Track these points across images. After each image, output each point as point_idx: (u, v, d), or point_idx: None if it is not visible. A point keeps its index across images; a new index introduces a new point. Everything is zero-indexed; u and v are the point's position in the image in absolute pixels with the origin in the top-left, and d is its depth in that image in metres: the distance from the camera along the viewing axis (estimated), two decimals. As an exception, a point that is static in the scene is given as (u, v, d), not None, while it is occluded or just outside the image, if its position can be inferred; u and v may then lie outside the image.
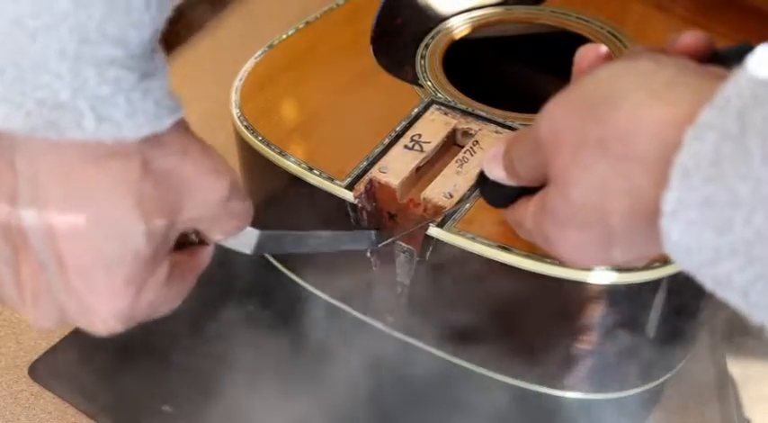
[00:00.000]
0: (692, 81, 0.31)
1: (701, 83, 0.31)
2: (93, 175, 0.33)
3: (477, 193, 0.50)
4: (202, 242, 0.39)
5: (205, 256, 0.40)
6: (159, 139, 0.34)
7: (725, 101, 0.28)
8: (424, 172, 0.53)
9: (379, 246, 0.50)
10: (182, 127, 0.35)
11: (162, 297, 0.37)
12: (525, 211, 0.38)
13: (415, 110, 0.56)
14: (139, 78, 0.33)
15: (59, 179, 0.33)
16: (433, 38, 0.63)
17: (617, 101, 0.31)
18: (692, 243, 0.29)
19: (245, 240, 0.41)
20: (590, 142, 0.32)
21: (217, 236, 0.39)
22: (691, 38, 0.36)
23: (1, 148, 0.33)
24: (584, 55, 0.39)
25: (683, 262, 0.30)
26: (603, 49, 0.38)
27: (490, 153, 0.40)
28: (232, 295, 0.60)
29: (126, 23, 0.32)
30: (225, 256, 0.63)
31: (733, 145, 0.27)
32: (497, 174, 0.40)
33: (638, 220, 0.32)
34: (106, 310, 0.35)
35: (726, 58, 0.35)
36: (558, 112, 0.34)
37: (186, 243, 0.38)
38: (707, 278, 0.29)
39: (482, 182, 0.41)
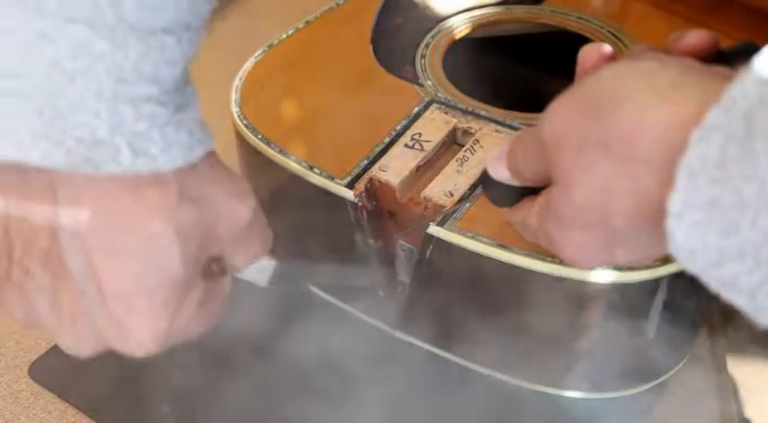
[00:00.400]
0: (696, 81, 0.31)
1: (706, 83, 0.30)
2: (130, 203, 0.34)
3: (477, 191, 0.50)
4: (222, 273, 0.40)
5: (227, 283, 0.41)
6: (192, 166, 0.35)
7: (731, 102, 0.28)
8: (425, 171, 0.53)
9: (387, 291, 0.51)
10: (213, 155, 0.37)
11: (197, 319, 0.38)
12: (529, 212, 0.38)
13: (416, 109, 0.56)
14: (173, 112, 0.34)
15: (98, 209, 0.34)
16: (433, 37, 0.63)
17: (620, 102, 0.31)
18: (697, 244, 0.29)
19: (261, 272, 0.42)
20: (593, 143, 0.32)
21: (240, 260, 0.40)
22: (695, 37, 0.35)
23: (42, 181, 0.34)
24: (587, 54, 0.38)
25: (687, 263, 0.30)
26: (607, 48, 0.38)
27: (494, 153, 0.40)
28: (233, 295, 0.60)
29: (160, 61, 0.33)
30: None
31: (739, 146, 0.27)
32: (501, 174, 0.39)
33: (642, 221, 0.32)
34: (144, 333, 0.36)
35: (730, 58, 0.34)
36: (562, 112, 0.34)
37: (210, 273, 0.39)
38: (712, 279, 0.29)
39: (486, 181, 0.41)
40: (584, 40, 0.62)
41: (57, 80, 0.31)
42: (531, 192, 0.39)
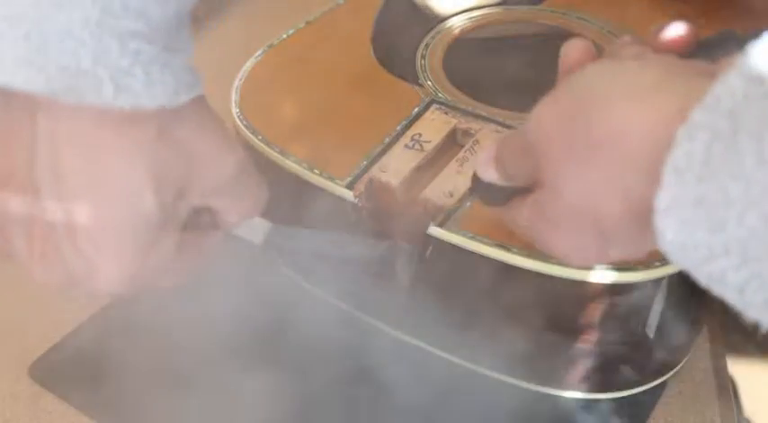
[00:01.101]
0: (679, 80, 0.31)
1: (689, 82, 0.31)
2: (108, 137, 0.34)
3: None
4: (215, 228, 0.40)
5: (214, 239, 0.41)
6: (177, 110, 0.35)
7: (716, 100, 0.28)
8: (425, 171, 0.53)
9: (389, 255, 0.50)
10: (201, 102, 0.37)
11: (166, 269, 0.38)
12: (520, 211, 0.38)
13: (416, 109, 0.56)
14: (160, 51, 0.34)
15: (76, 140, 0.34)
16: (433, 37, 0.63)
17: (604, 104, 0.31)
18: (686, 241, 0.29)
19: (256, 231, 0.42)
20: (579, 145, 0.32)
21: (229, 217, 0.40)
22: (673, 31, 0.36)
23: (24, 108, 0.34)
24: (568, 51, 0.39)
25: (678, 259, 0.30)
26: (588, 44, 0.38)
27: (483, 155, 0.40)
28: (233, 295, 0.60)
29: None
30: (228, 257, 0.63)
31: (725, 145, 0.27)
32: (490, 176, 0.40)
33: (633, 220, 0.32)
34: (111, 273, 0.36)
35: (711, 48, 0.35)
36: (547, 114, 0.34)
37: (200, 226, 0.39)
38: (702, 275, 0.29)
39: (476, 183, 0.41)
40: (584, 41, 0.62)
41: (44, 6, 0.31)
42: (522, 191, 0.39)
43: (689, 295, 0.50)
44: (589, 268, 0.45)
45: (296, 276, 0.60)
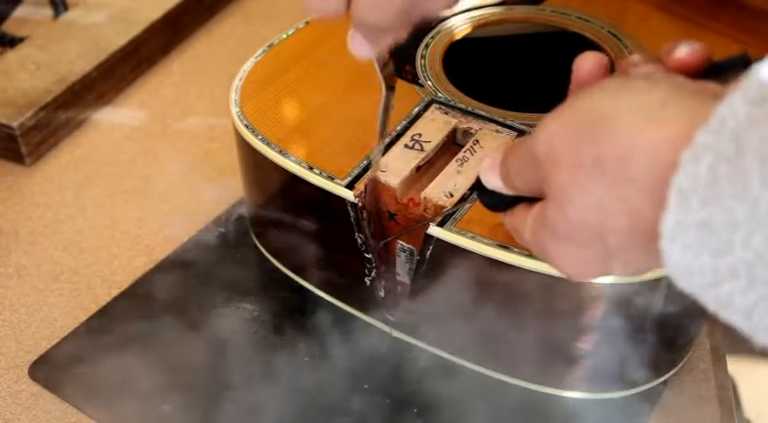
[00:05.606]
0: (686, 101, 0.31)
1: (696, 103, 0.30)
2: None
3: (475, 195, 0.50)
4: None
5: None
6: None
7: (720, 122, 0.28)
8: (425, 171, 0.53)
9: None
10: None
11: None
12: (524, 222, 0.38)
13: (416, 109, 0.56)
14: None
15: None
16: (433, 37, 0.63)
17: (612, 122, 0.31)
18: (692, 265, 0.29)
19: None
20: (587, 163, 0.32)
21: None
22: (686, 51, 0.35)
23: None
24: (581, 64, 0.38)
25: (683, 283, 0.30)
26: (602, 58, 0.38)
27: (487, 162, 0.39)
28: (233, 294, 0.61)
29: None
30: (227, 256, 0.63)
31: (729, 166, 0.27)
32: (494, 183, 0.39)
33: (637, 239, 0.32)
34: None
35: (723, 71, 0.34)
36: (555, 129, 0.34)
37: None
38: (709, 299, 0.29)
39: (479, 187, 0.41)
40: (585, 41, 0.62)
41: None
42: (525, 199, 0.39)
43: (688, 295, 0.50)
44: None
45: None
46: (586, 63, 0.38)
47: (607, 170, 0.31)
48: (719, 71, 0.34)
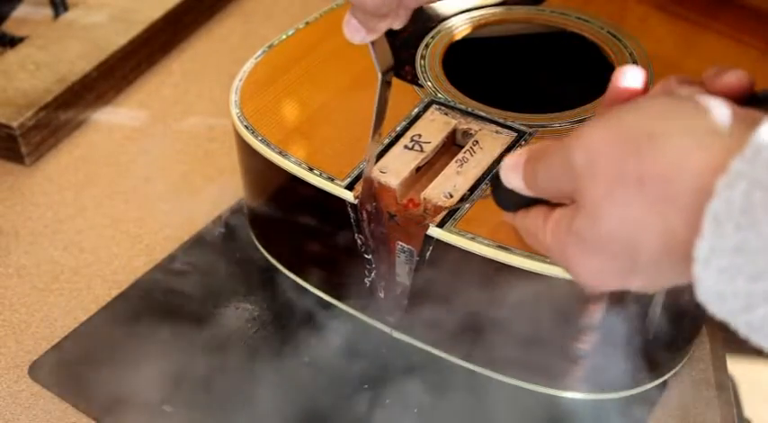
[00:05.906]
0: (732, 128, 0.31)
1: (739, 131, 0.30)
2: None
3: (477, 193, 0.50)
4: None
5: None
6: None
7: (755, 150, 0.28)
8: (424, 172, 0.53)
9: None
10: None
11: None
12: (543, 225, 0.38)
13: (415, 110, 0.56)
14: None
15: None
16: (433, 38, 0.63)
17: (661, 142, 0.31)
18: (725, 290, 0.29)
19: None
20: (629, 178, 0.32)
21: None
22: (734, 77, 0.35)
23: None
24: (621, 77, 0.38)
25: (716, 308, 0.30)
26: (642, 73, 0.38)
27: (510, 160, 0.38)
28: (233, 294, 0.61)
29: None
30: (227, 256, 0.63)
31: (764, 193, 0.27)
32: (515, 183, 0.38)
33: (668, 258, 0.32)
34: None
35: (763, 102, 0.34)
36: (597, 141, 0.33)
37: None
38: (741, 324, 0.29)
39: (496, 185, 0.40)
40: (584, 41, 0.62)
41: None
42: (542, 201, 0.38)
43: (689, 295, 0.50)
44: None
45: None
46: (626, 78, 0.38)
47: (648, 188, 0.31)
48: (759, 103, 0.34)
